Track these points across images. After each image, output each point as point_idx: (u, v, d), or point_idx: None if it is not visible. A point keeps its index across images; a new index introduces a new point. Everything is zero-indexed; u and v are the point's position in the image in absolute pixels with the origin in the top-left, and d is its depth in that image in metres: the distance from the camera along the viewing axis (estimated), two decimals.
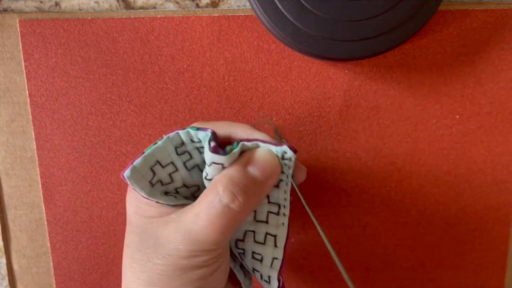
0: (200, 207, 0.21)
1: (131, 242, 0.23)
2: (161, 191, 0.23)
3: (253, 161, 0.22)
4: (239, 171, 0.22)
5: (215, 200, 0.21)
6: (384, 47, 0.28)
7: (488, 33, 0.30)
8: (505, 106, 0.31)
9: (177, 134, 0.22)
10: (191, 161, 0.24)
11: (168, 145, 0.23)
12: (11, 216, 0.33)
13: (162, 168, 0.23)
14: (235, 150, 0.22)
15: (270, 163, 0.22)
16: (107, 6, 0.30)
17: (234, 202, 0.21)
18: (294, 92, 0.31)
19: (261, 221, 0.24)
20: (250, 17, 0.30)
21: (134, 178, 0.22)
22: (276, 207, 0.24)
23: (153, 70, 0.31)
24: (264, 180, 0.22)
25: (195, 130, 0.22)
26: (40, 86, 0.31)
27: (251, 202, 0.22)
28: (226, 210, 0.21)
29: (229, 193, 0.21)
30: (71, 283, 0.34)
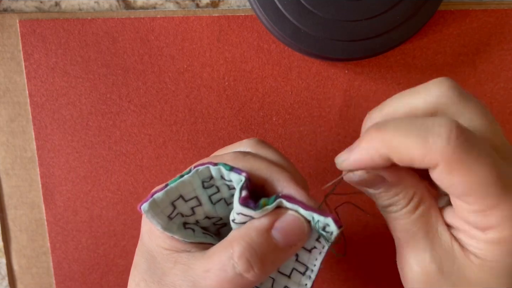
0: (212, 264, 0.19)
1: (139, 266, 0.22)
2: (179, 222, 0.22)
3: (279, 224, 0.19)
4: (260, 235, 0.19)
5: (228, 264, 0.19)
6: (384, 47, 0.28)
7: (488, 33, 0.30)
8: (505, 106, 0.31)
9: (207, 168, 0.20)
10: (217, 194, 0.22)
11: (195, 179, 0.21)
12: (11, 216, 0.33)
13: (184, 202, 0.21)
14: (269, 207, 0.19)
15: (297, 230, 0.20)
16: (107, 6, 0.30)
17: (248, 272, 0.19)
18: (294, 92, 0.31)
19: (284, 274, 0.22)
20: (250, 17, 0.30)
21: (152, 212, 0.20)
22: (303, 268, 0.22)
23: (153, 70, 0.31)
24: (287, 248, 0.20)
25: (228, 169, 0.20)
26: (40, 86, 0.31)
27: (268, 271, 0.19)
28: (238, 278, 0.19)
29: (245, 261, 0.18)
30: (71, 283, 0.34)
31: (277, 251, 0.19)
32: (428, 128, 0.17)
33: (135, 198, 0.33)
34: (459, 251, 0.19)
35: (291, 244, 0.20)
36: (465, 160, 0.16)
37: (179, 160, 0.32)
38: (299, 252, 0.22)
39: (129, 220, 0.33)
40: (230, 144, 0.24)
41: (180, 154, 0.32)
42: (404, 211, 0.20)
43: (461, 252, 0.19)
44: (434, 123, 0.17)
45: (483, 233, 0.18)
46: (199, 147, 0.32)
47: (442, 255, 0.19)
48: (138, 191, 0.33)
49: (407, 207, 0.20)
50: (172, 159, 0.32)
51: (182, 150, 0.32)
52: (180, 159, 0.32)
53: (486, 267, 0.18)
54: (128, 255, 0.34)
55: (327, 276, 0.35)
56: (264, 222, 0.19)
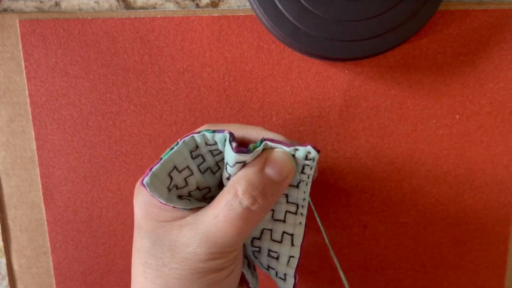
0: (219, 209, 0.21)
1: (142, 247, 0.22)
2: (176, 194, 0.23)
3: (270, 162, 0.22)
4: (257, 173, 0.22)
5: (235, 202, 0.21)
6: (384, 47, 0.28)
7: (488, 33, 0.30)
8: (505, 106, 0.31)
9: (192, 138, 0.22)
10: (204, 164, 0.24)
11: (183, 150, 0.23)
12: (11, 216, 0.33)
13: (178, 173, 0.23)
14: (258, 148, 0.22)
15: (286, 163, 0.22)
16: (107, 6, 0.30)
17: (254, 205, 0.21)
18: (294, 92, 0.31)
19: (279, 220, 0.25)
20: (250, 17, 0.30)
21: (154, 185, 0.21)
22: (294, 207, 0.24)
23: (153, 70, 0.31)
24: (281, 181, 0.22)
25: (211, 132, 0.22)
26: (40, 86, 0.31)
27: (270, 202, 0.22)
28: (246, 212, 0.21)
29: (249, 196, 0.21)
30: (71, 283, 0.34)
31: (274, 184, 0.22)
32: None
33: None
34: None
35: (284, 176, 0.22)
36: None
37: None
38: (288, 192, 0.24)
39: (129, 220, 0.33)
40: None
41: None
42: None
43: None
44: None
45: None
46: None
47: None
48: None
49: None
50: None
51: None
52: None
53: None
54: (128, 255, 0.34)
55: (328, 276, 0.35)
56: (257, 163, 0.22)
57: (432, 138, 0.32)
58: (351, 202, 0.33)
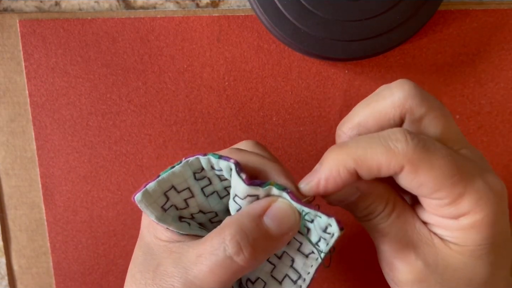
0: (204, 249, 0.20)
1: (136, 259, 0.22)
2: (174, 215, 0.22)
3: (272, 211, 0.20)
4: (252, 220, 0.19)
5: (219, 247, 0.19)
6: (384, 47, 0.28)
7: (488, 33, 0.30)
8: (505, 106, 0.31)
9: (197, 159, 0.21)
10: (209, 187, 0.22)
11: (186, 170, 0.21)
12: (11, 216, 0.33)
13: (177, 193, 0.21)
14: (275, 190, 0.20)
15: (289, 217, 0.20)
16: (107, 6, 0.30)
17: (238, 256, 0.19)
18: (294, 92, 0.31)
19: (276, 280, 0.22)
20: (250, 17, 0.30)
21: (145, 202, 0.20)
22: (296, 276, 0.22)
23: (153, 70, 0.31)
24: (279, 236, 0.20)
25: (217, 158, 0.20)
26: (40, 86, 0.31)
27: (259, 257, 0.20)
28: (228, 262, 0.19)
29: (235, 244, 0.19)
30: (71, 283, 0.34)
31: (269, 238, 0.20)
32: (386, 138, 0.18)
33: None
34: (440, 243, 0.20)
35: (283, 232, 0.20)
36: (426, 158, 0.18)
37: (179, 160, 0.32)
38: (296, 257, 0.22)
39: (129, 220, 0.33)
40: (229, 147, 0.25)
41: (180, 154, 0.32)
42: (381, 216, 0.20)
43: (441, 244, 0.20)
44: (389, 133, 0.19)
45: (457, 221, 0.19)
46: (199, 147, 0.32)
47: (425, 251, 0.20)
48: None
49: (383, 212, 0.20)
50: (172, 159, 0.32)
51: (182, 150, 0.32)
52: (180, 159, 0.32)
53: (466, 252, 0.19)
54: (128, 255, 0.34)
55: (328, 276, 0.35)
56: (256, 208, 0.20)
57: None
58: None
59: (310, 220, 0.20)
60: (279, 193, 0.20)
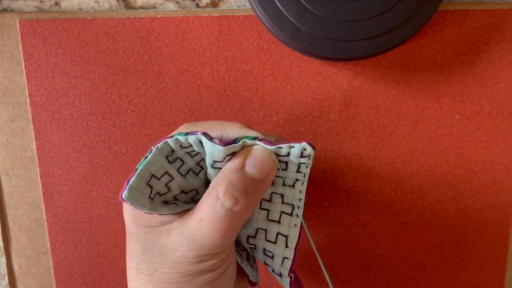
0: (203, 212, 0.21)
1: (134, 253, 0.22)
2: (160, 201, 0.23)
3: (250, 160, 0.22)
4: (236, 172, 0.21)
5: (217, 205, 0.21)
6: (384, 47, 0.28)
7: (488, 33, 0.30)
8: (505, 106, 0.31)
9: (165, 143, 0.22)
10: (184, 166, 0.24)
11: (159, 156, 0.22)
12: (11, 216, 0.33)
13: (158, 180, 0.22)
14: (248, 140, 0.22)
15: (267, 160, 0.22)
16: (107, 6, 0.30)
17: (236, 205, 0.21)
18: (294, 92, 0.31)
19: (274, 221, 0.24)
20: (250, 17, 0.30)
21: (133, 197, 0.21)
22: (289, 208, 0.24)
23: (153, 70, 0.31)
24: (263, 179, 0.22)
25: (184, 135, 0.21)
26: (40, 86, 0.31)
27: (253, 201, 0.22)
28: (229, 213, 0.21)
29: (230, 197, 0.21)
30: (71, 283, 0.34)
31: (256, 183, 0.22)
32: None
33: None
34: None
35: (266, 174, 0.22)
36: None
37: None
38: (284, 192, 0.24)
39: None
40: None
41: None
42: None
43: None
44: None
45: None
46: None
47: None
48: None
49: None
50: None
51: None
52: None
53: None
54: None
55: None
56: (236, 162, 0.22)
57: (432, 138, 0.32)
58: (351, 202, 0.33)
59: (286, 154, 0.22)
60: (252, 143, 0.22)
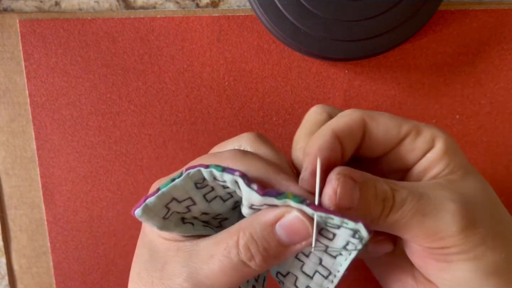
0: (217, 251, 0.20)
1: (141, 256, 0.22)
2: (176, 219, 0.22)
3: (284, 221, 0.20)
4: (264, 229, 0.20)
5: (233, 251, 0.19)
6: (384, 47, 0.28)
7: (488, 33, 0.30)
8: (505, 106, 0.31)
9: (199, 171, 0.20)
10: (211, 193, 0.22)
11: (187, 183, 0.20)
12: (11, 216, 0.33)
13: (178, 203, 0.21)
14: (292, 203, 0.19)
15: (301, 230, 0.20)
16: (107, 6, 0.30)
17: (251, 261, 0.19)
18: (294, 92, 0.31)
19: (307, 275, 0.22)
20: (250, 17, 0.30)
21: (146, 216, 0.20)
22: (326, 272, 0.22)
23: (153, 70, 0.31)
24: (290, 246, 0.20)
25: (220, 171, 0.19)
26: (40, 86, 0.31)
27: (270, 263, 0.20)
28: (241, 265, 0.19)
29: (247, 251, 0.19)
30: (71, 283, 0.34)
31: (280, 247, 0.20)
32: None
33: (135, 198, 0.33)
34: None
35: (294, 242, 0.20)
36: None
37: (179, 160, 0.32)
38: (323, 257, 0.22)
39: (129, 220, 0.33)
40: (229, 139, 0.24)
41: (180, 154, 0.32)
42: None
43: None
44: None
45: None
46: (199, 147, 0.32)
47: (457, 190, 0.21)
48: (138, 191, 0.33)
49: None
50: (172, 159, 0.32)
51: (182, 150, 0.32)
52: (180, 159, 0.32)
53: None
54: (128, 255, 0.34)
55: None
56: (269, 217, 0.20)
57: None
58: None
59: (336, 226, 0.20)
60: (297, 206, 0.19)
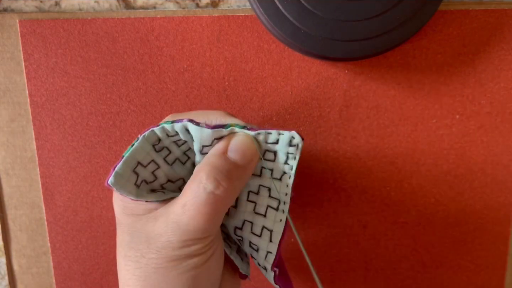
0: (186, 197, 0.21)
1: (122, 241, 0.23)
2: (147, 189, 0.23)
3: (232, 145, 0.22)
4: (219, 157, 0.22)
5: (199, 189, 0.21)
6: (384, 47, 0.28)
7: (488, 33, 0.30)
8: (505, 106, 0.31)
9: (152, 131, 0.22)
10: (170, 155, 0.24)
11: (145, 144, 0.23)
12: (11, 216, 0.33)
13: (144, 168, 0.23)
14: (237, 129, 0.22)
15: (249, 146, 0.22)
16: (107, 6, 0.30)
17: (218, 188, 0.21)
18: (294, 92, 0.31)
19: (260, 214, 0.24)
20: (250, 17, 0.30)
21: (119, 183, 0.22)
22: (276, 202, 0.24)
23: (153, 70, 0.31)
24: (246, 164, 0.22)
25: (170, 123, 0.22)
26: (40, 86, 0.31)
27: (235, 186, 0.22)
28: (211, 197, 0.21)
29: (213, 180, 0.21)
30: (71, 283, 0.34)
31: (238, 168, 0.22)
32: None
33: None
34: None
35: (248, 160, 0.22)
36: None
37: None
38: (271, 185, 0.24)
39: None
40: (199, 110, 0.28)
41: None
42: None
43: None
44: None
45: None
46: None
47: None
48: None
49: None
50: None
51: None
52: None
53: None
54: None
55: (328, 275, 0.35)
56: (219, 147, 0.22)
57: (432, 138, 0.32)
58: (351, 202, 0.33)
59: (274, 141, 0.22)
60: (241, 131, 0.22)
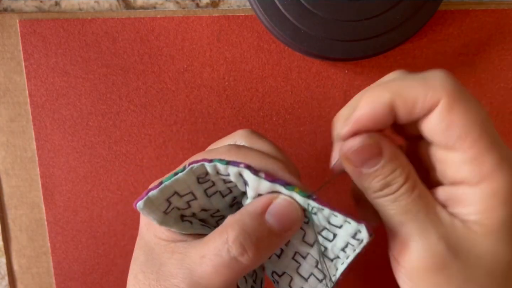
0: (208, 249, 0.19)
1: (137, 259, 0.22)
2: (176, 215, 0.22)
3: (273, 208, 0.19)
4: (255, 219, 0.19)
5: (223, 248, 0.19)
6: (384, 47, 0.28)
7: (488, 33, 0.30)
8: (505, 106, 0.31)
9: (202, 166, 0.20)
10: (212, 188, 0.22)
11: (190, 177, 0.21)
12: (11, 216, 0.33)
13: (179, 198, 0.21)
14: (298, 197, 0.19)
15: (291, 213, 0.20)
16: (107, 6, 0.30)
17: (243, 256, 0.19)
18: (294, 92, 0.31)
19: (302, 276, 0.22)
20: (250, 17, 0.30)
21: (147, 209, 0.20)
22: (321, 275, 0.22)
23: (153, 70, 0.31)
24: (282, 233, 0.20)
25: (224, 164, 0.19)
26: (40, 86, 0.31)
27: (262, 256, 0.20)
28: (233, 262, 0.19)
29: (239, 246, 0.19)
30: (71, 283, 0.34)
31: (271, 236, 0.19)
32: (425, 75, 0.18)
33: (135, 198, 0.33)
34: (461, 225, 0.19)
35: (286, 229, 0.20)
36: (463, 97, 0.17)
37: (179, 160, 0.32)
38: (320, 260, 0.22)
39: (129, 220, 0.33)
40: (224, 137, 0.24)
41: (180, 154, 0.32)
42: (403, 190, 0.19)
43: (463, 227, 0.18)
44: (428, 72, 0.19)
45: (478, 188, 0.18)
46: (199, 147, 0.32)
47: (447, 233, 0.19)
48: (138, 191, 0.33)
49: (406, 184, 0.19)
50: (172, 159, 0.32)
51: (182, 150, 0.32)
52: (180, 159, 0.32)
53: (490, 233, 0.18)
54: (128, 255, 0.34)
55: None
56: (257, 206, 0.20)
57: None
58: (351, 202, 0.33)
59: (338, 226, 0.20)
60: (303, 201, 0.19)
